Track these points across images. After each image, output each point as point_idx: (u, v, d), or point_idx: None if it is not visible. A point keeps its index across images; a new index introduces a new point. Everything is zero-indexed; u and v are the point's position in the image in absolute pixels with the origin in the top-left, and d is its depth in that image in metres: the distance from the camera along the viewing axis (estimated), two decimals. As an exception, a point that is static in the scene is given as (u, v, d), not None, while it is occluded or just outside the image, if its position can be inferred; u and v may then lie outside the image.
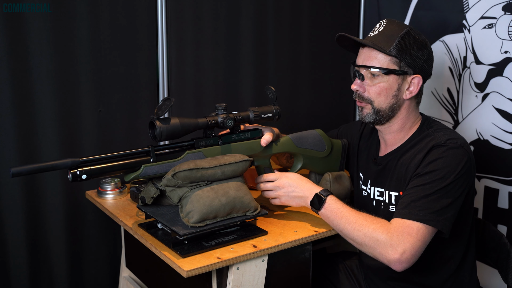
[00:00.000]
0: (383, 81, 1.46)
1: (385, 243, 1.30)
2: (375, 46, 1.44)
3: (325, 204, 1.43)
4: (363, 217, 1.37)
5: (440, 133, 1.46)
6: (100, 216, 1.93)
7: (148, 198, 1.41)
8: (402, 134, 1.54)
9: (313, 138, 1.69)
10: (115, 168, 1.34)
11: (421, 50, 1.46)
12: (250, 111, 1.53)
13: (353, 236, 1.36)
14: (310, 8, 2.33)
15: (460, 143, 1.41)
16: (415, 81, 1.47)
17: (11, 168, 1.22)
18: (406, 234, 1.30)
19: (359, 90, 1.50)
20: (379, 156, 1.60)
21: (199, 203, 1.34)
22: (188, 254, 1.30)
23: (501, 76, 1.92)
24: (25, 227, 1.81)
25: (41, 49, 1.74)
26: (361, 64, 1.49)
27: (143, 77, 1.97)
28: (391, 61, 1.45)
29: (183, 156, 1.42)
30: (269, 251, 1.37)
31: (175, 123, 1.38)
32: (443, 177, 1.35)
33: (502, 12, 1.89)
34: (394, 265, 1.30)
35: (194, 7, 2.03)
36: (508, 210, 1.96)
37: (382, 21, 1.51)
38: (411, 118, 1.52)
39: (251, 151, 1.55)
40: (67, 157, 1.28)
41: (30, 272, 1.85)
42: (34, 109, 1.77)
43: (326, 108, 2.48)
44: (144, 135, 2.00)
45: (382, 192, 1.55)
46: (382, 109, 1.49)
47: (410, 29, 1.46)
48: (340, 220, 1.39)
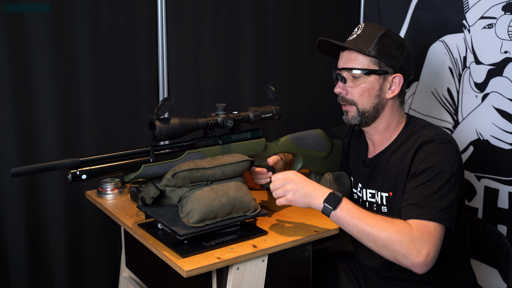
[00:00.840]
0: (364, 82, 1.48)
1: (409, 246, 1.25)
2: (355, 47, 1.48)
3: (341, 203, 1.34)
4: (382, 218, 1.31)
5: (426, 129, 1.47)
6: (100, 216, 1.93)
7: (148, 198, 1.41)
8: (388, 134, 1.55)
9: (313, 138, 1.69)
10: (115, 168, 1.34)
11: (399, 50, 1.49)
12: (250, 111, 1.53)
13: (374, 238, 1.29)
14: (310, 8, 2.33)
15: (448, 138, 1.42)
16: (396, 80, 1.49)
17: (11, 168, 1.22)
18: (427, 234, 1.28)
19: (342, 92, 1.53)
20: (368, 158, 1.61)
21: (199, 203, 1.34)
22: (188, 254, 1.30)
23: (501, 76, 1.92)
24: (25, 227, 1.81)
25: (41, 49, 1.74)
26: (342, 66, 1.52)
27: (143, 77, 1.97)
28: (371, 62, 1.48)
29: (183, 156, 1.42)
30: (269, 251, 1.37)
31: (175, 123, 1.38)
32: (441, 172, 1.35)
33: (502, 12, 1.89)
34: (418, 268, 1.26)
35: (194, 7, 2.03)
36: (508, 210, 1.96)
37: (360, 24, 1.55)
38: (395, 117, 1.54)
39: (251, 151, 1.55)
40: (67, 157, 1.28)
41: (30, 272, 1.85)
42: (34, 109, 1.77)
43: (326, 108, 2.47)
44: (144, 135, 2.00)
45: (373, 194, 1.56)
46: (366, 110, 1.51)
47: (387, 30, 1.50)
48: (359, 222, 1.31)
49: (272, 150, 1.61)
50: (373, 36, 1.48)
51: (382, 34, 1.48)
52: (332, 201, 1.35)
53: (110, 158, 1.34)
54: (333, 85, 1.58)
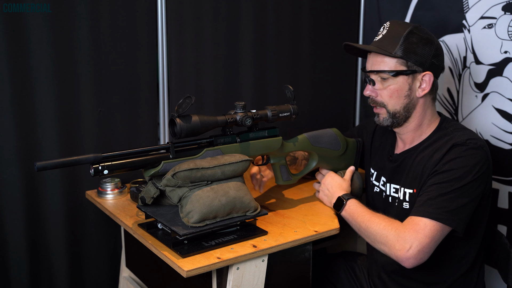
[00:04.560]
0: (393, 83, 1.47)
1: (393, 240, 1.35)
2: (380, 50, 1.46)
3: (345, 206, 1.52)
4: (377, 216, 1.43)
5: (460, 132, 1.46)
6: (100, 216, 1.93)
7: (148, 198, 1.41)
8: (419, 133, 1.54)
9: (328, 137, 1.71)
10: (136, 164, 1.36)
11: (427, 47, 1.46)
12: (268, 109, 1.54)
13: (367, 233, 1.43)
14: (310, 8, 2.33)
15: (480, 144, 1.41)
16: (426, 78, 1.47)
17: (36, 163, 1.23)
18: (413, 230, 1.33)
19: (371, 95, 1.52)
20: (395, 154, 1.60)
21: (199, 203, 1.34)
22: (188, 254, 1.30)
23: (501, 76, 1.91)
24: (25, 227, 1.81)
25: (41, 49, 1.74)
26: (370, 69, 1.51)
27: (143, 77, 1.97)
28: (398, 63, 1.46)
29: (202, 153, 1.43)
30: (269, 251, 1.37)
31: (195, 121, 1.39)
32: (461, 177, 1.36)
33: (502, 12, 1.89)
34: (402, 261, 1.34)
35: (194, 7, 2.03)
36: (508, 210, 1.96)
37: (386, 23, 1.52)
38: (427, 115, 1.53)
39: (269, 149, 1.57)
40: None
41: (30, 272, 1.85)
42: (34, 109, 1.77)
43: (326, 108, 2.48)
44: (144, 135, 2.00)
45: (397, 189, 1.56)
46: (397, 111, 1.50)
47: (413, 28, 1.47)
48: (357, 219, 1.47)
49: (288, 148, 1.62)
50: (399, 35, 1.45)
51: (408, 33, 1.45)
52: (338, 205, 1.55)
53: (131, 154, 1.36)
54: (333, 85, 1.59)
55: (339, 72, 2.47)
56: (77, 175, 1.87)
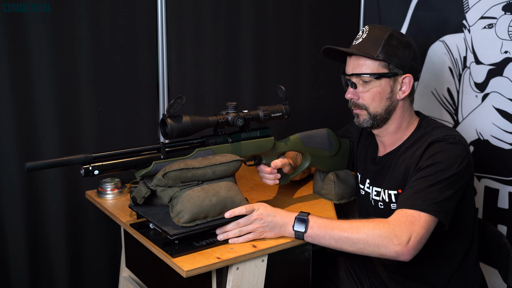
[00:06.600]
0: (375, 86, 1.48)
1: (389, 236, 1.29)
2: (363, 53, 1.47)
3: (310, 223, 1.37)
4: (356, 220, 1.36)
5: (438, 130, 1.47)
6: (100, 216, 1.92)
7: (139, 198, 1.42)
8: (399, 135, 1.55)
9: (321, 137, 1.70)
10: (127, 164, 1.35)
11: (407, 50, 1.48)
12: (260, 110, 1.54)
13: (353, 241, 1.32)
14: (310, 8, 2.33)
15: (459, 139, 1.43)
16: (406, 80, 1.49)
17: (26, 163, 1.23)
18: (409, 222, 1.31)
19: (353, 98, 1.53)
20: (378, 156, 1.61)
21: (190, 203, 1.34)
22: (178, 254, 1.29)
23: (501, 76, 1.91)
24: (25, 227, 1.81)
25: (41, 49, 1.74)
26: (351, 72, 1.51)
27: (143, 77, 1.97)
28: (380, 65, 1.47)
29: (193, 154, 1.43)
30: (269, 251, 1.37)
31: (186, 121, 1.39)
32: (445, 169, 1.36)
33: (502, 12, 1.88)
34: (402, 254, 1.29)
35: (194, 7, 2.03)
36: (508, 210, 1.96)
37: (364, 27, 1.54)
38: (406, 117, 1.54)
39: (261, 149, 1.56)
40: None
41: (30, 272, 1.85)
42: (34, 109, 1.77)
43: (326, 108, 2.47)
44: (144, 135, 2.00)
45: (379, 192, 1.56)
46: (378, 113, 1.51)
47: (393, 31, 1.49)
48: (333, 231, 1.34)
49: (280, 148, 1.61)
50: (380, 38, 1.47)
51: (389, 36, 1.47)
52: (300, 225, 1.37)
53: (122, 154, 1.36)
54: (333, 86, 1.59)
55: (338, 72, 2.46)
56: (77, 175, 1.87)
